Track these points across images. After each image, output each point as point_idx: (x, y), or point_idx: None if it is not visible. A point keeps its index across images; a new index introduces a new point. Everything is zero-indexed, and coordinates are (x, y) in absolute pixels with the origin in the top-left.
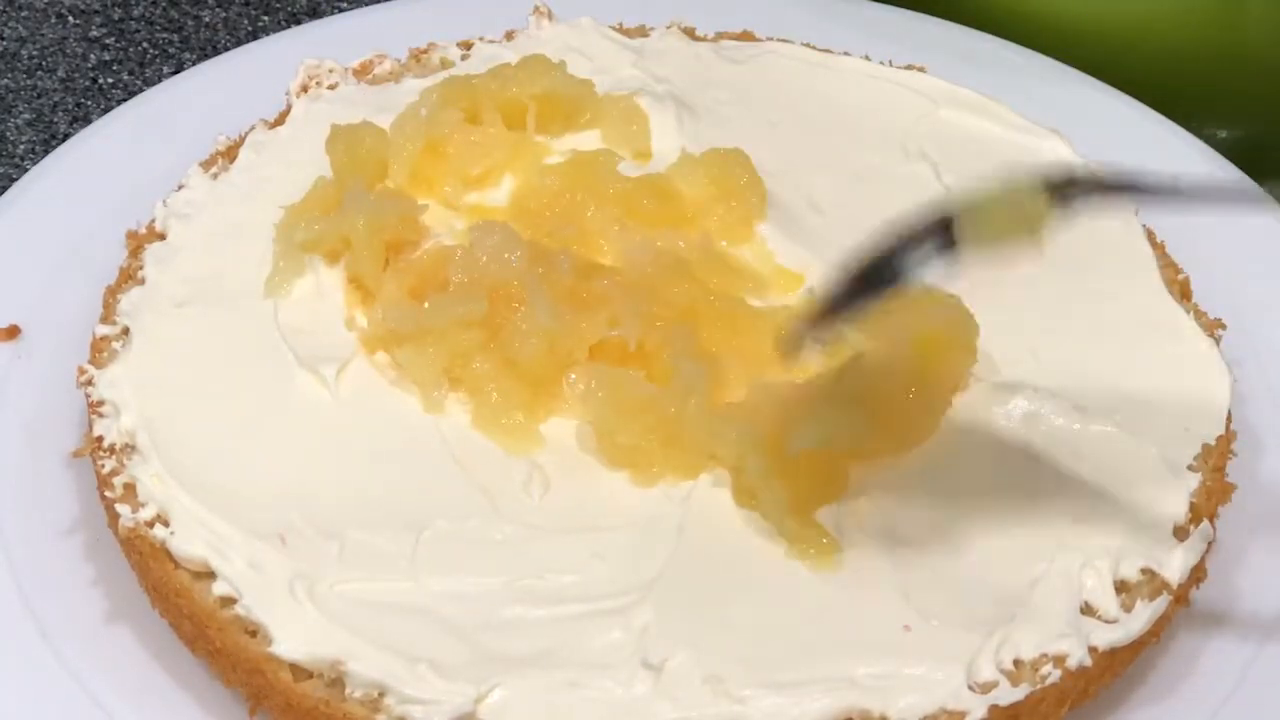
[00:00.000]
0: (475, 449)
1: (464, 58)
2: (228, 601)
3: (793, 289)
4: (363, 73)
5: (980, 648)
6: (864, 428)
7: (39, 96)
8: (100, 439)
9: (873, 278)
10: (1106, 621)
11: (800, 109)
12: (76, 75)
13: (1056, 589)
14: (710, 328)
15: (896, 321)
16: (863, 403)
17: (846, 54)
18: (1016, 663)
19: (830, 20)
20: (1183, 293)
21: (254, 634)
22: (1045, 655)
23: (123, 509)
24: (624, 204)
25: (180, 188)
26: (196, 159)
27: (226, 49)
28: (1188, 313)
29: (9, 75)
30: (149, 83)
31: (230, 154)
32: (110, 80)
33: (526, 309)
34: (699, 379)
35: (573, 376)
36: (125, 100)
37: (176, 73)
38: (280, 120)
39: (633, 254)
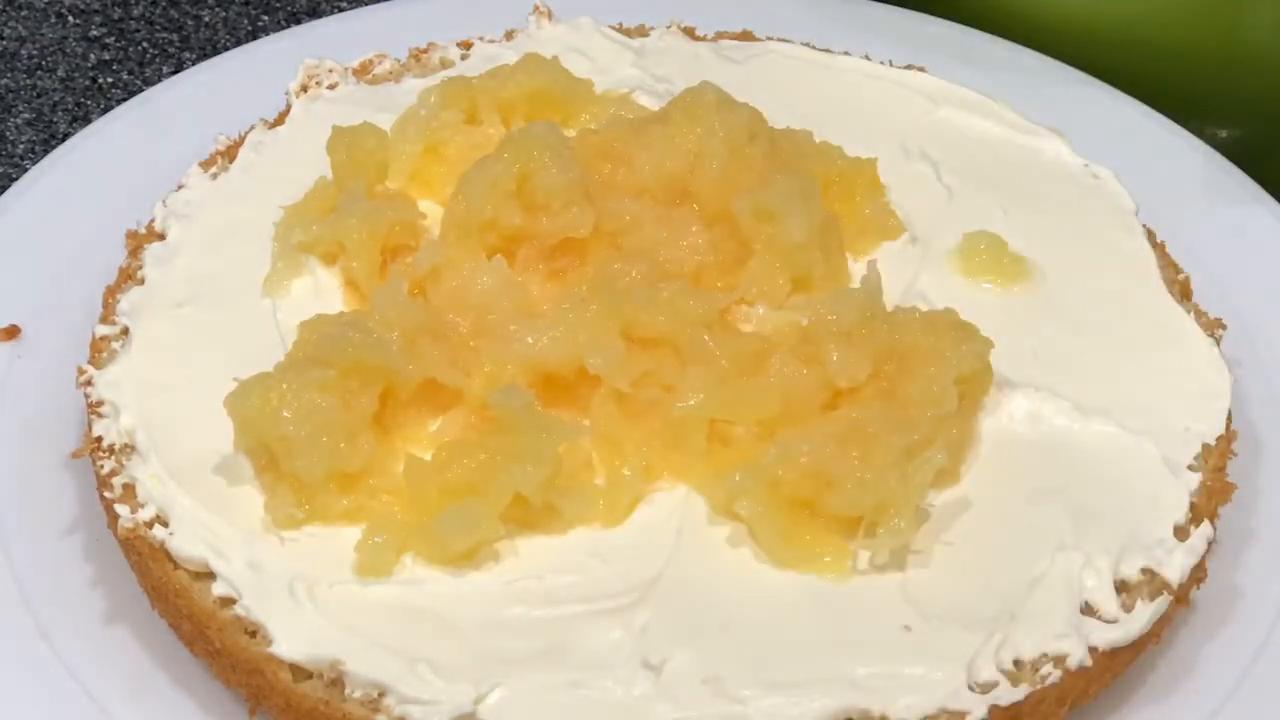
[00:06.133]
0: None
1: (464, 58)
2: (227, 602)
3: None
4: (363, 73)
5: (980, 648)
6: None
7: (39, 96)
8: (99, 439)
9: None
10: (1107, 621)
11: (800, 109)
12: (76, 75)
13: (1056, 589)
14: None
15: (924, 368)
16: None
17: (846, 54)
18: (1016, 663)
19: (830, 20)
20: (1183, 293)
21: (253, 634)
22: (1045, 655)
23: (122, 509)
24: None
25: (180, 188)
26: (196, 159)
27: (226, 49)
28: (1188, 313)
29: (9, 75)
30: (149, 83)
31: (230, 154)
32: (110, 80)
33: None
34: (702, 384)
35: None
36: (125, 100)
37: (176, 73)
38: (280, 120)
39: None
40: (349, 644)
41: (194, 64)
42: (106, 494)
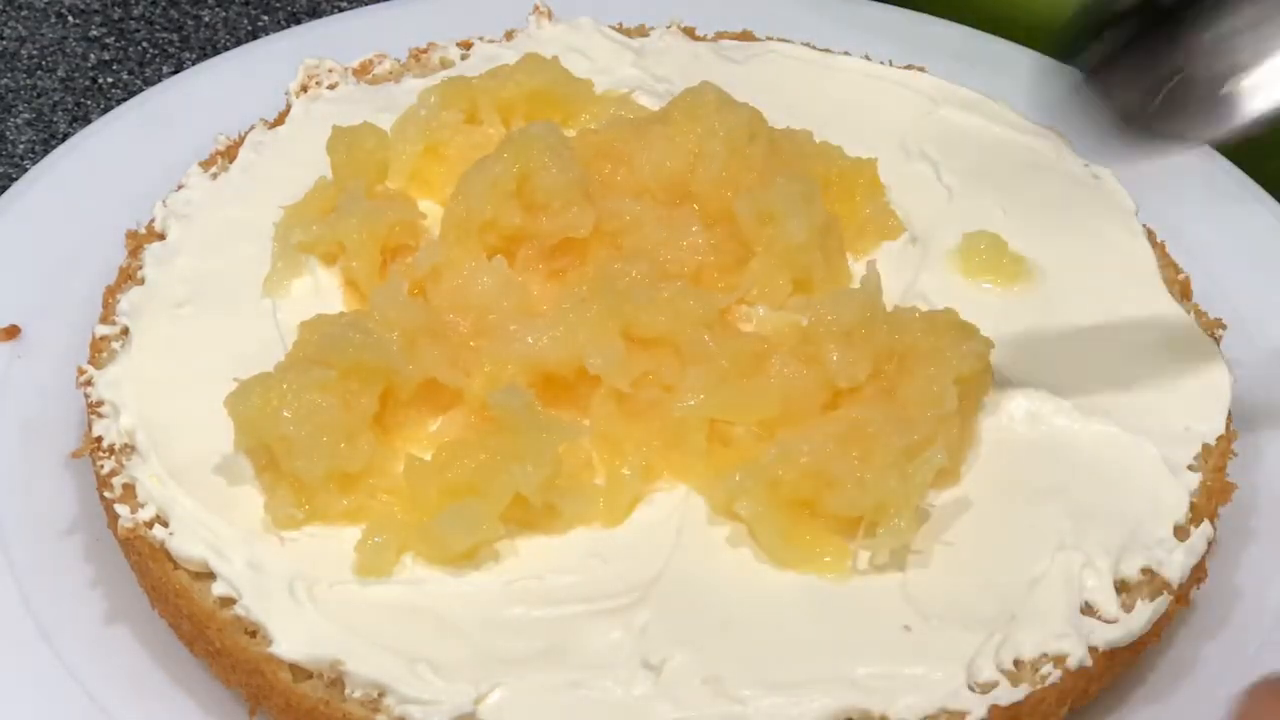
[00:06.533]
0: None
1: (464, 58)
2: (227, 602)
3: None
4: (363, 73)
5: (980, 648)
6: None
7: (39, 96)
8: (99, 439)
9: None
10: (1107, 621)
11: (800, 109)
12: (76, 75)
13: (1056, 589)
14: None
15: (924, 368)
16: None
17: (846, 54)
18: (1016, 663)
19: (830, 20)
20: (1183, 293)
21: (253, 634)
22: (1045, 655)
23: (122, 509)
24: None
25: (180, 188)
26: (196, 159)
27: (226, 49)
28: (1188, 313)
29: (9, 75)
30: (149, 83)
31: (230, 154)
32: (110, 80)
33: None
34: (702, 383)
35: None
36: (125, 100)
37: (176, 73)
38: (280, 120)
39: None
40: (349, 644)
41: (194, 64)
42: (106, 494)
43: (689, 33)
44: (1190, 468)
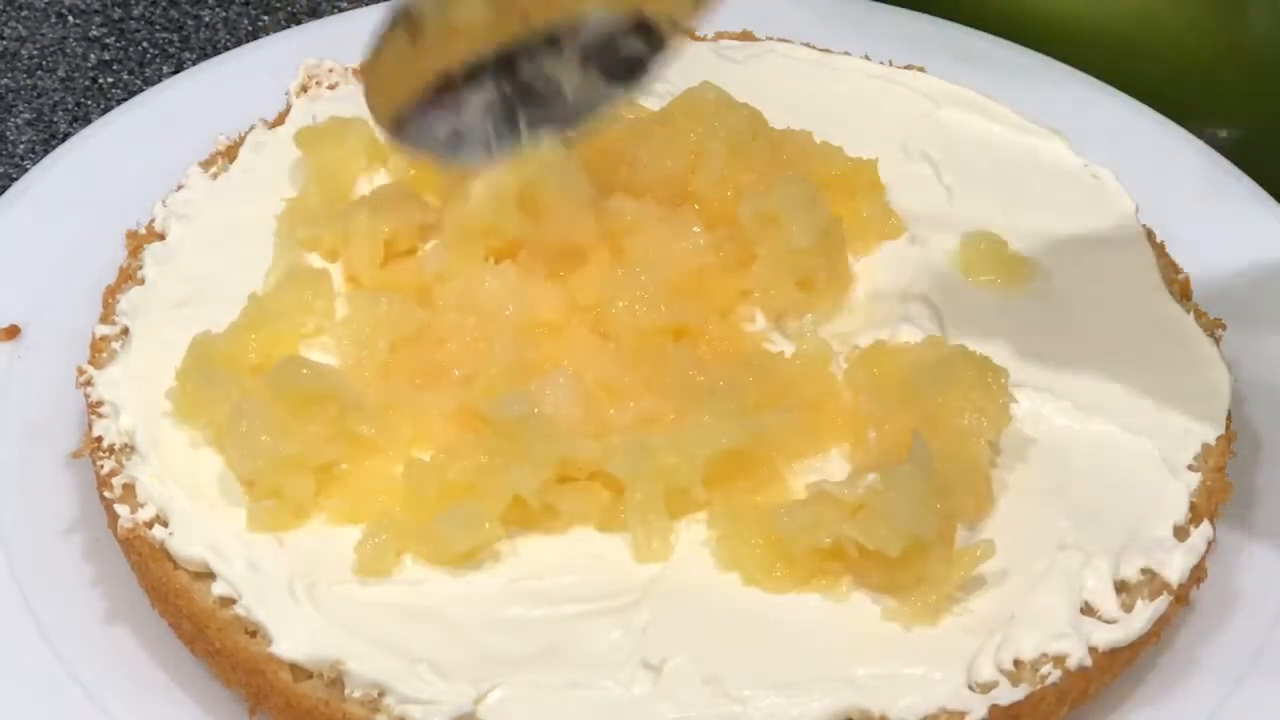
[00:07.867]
0: None
1: None
2: (227, 602)
3: None
4: None
5: (980, 648)
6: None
7: (39, 96)
8: (99, 439)
9: None
10: (1106, 621)
11: (800, 109)
12: (76, 75)
13: (1056, 589)
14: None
15: (935, 401)
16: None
17: (846, 54)
18: (1016, 663)
19: (830, 20)
20: (1183, 293)
21: (253, 634)
22: (1045, 655)
23: (122, 509)
24: None
25: (180, 188)
26: (196, 159)
27: (226, 49)
28: (1188, 313)
29: (9, 75)
30: (149, 83)
31: (230, 154)
32: (110, 80)
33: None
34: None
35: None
36: (125, 100)
37: (176, 73)
38: (280, 120)
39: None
40: (349, 644)
41: (194, 64)
42: (106, 494)
43: (689, 33)
44: (1190, 468)
